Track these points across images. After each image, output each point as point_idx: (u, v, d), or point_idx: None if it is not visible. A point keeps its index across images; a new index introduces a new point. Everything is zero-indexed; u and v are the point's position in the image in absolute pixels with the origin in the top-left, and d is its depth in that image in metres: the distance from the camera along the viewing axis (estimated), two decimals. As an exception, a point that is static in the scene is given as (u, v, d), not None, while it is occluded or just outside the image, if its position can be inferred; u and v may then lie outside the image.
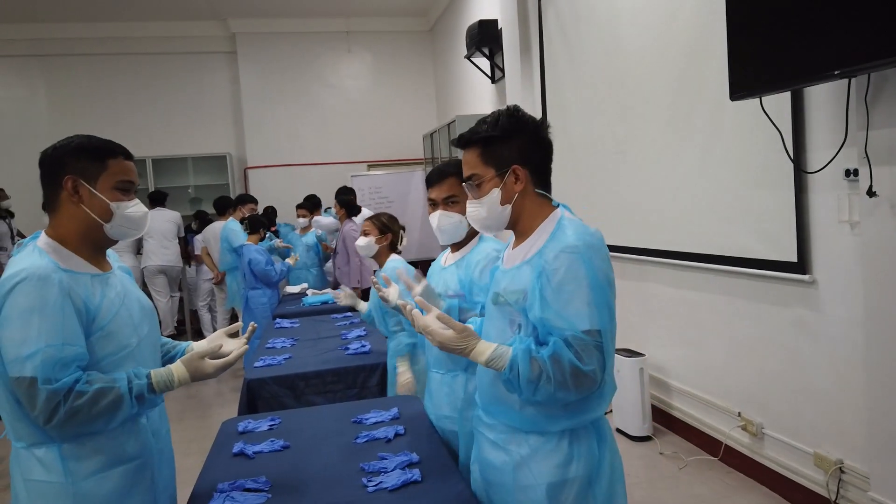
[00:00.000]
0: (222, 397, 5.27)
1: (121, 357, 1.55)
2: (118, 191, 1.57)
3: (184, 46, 8.29)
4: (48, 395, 1.38)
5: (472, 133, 1.56)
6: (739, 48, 2.49)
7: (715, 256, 3.30)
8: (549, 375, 1.37)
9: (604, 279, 1.42)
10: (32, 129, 7.87)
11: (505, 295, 1.52)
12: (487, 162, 1.54)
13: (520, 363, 1.39)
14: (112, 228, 1.57)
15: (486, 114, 1.59)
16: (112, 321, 1.54)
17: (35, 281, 1.41)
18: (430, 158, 7.82)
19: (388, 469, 1.80)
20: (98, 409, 1.43)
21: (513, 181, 1.52)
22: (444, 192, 2.15)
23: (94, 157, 1.54)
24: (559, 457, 1.47)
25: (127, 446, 1.56)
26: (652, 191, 3.79)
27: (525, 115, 1.55)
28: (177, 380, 1.54)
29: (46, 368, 1.38)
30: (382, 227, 3.14)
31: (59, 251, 1.53)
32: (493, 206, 1.55)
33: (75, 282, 1.49)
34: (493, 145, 1.53)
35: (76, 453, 1.48)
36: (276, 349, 3.58)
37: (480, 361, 1.44)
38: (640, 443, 3.75)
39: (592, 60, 4.35)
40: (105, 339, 1.52)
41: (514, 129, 1.52)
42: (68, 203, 1.54)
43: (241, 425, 2.26)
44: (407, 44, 8.80)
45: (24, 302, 1.40)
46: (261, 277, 5.38)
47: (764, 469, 3.13)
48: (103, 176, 1.54)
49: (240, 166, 8.52)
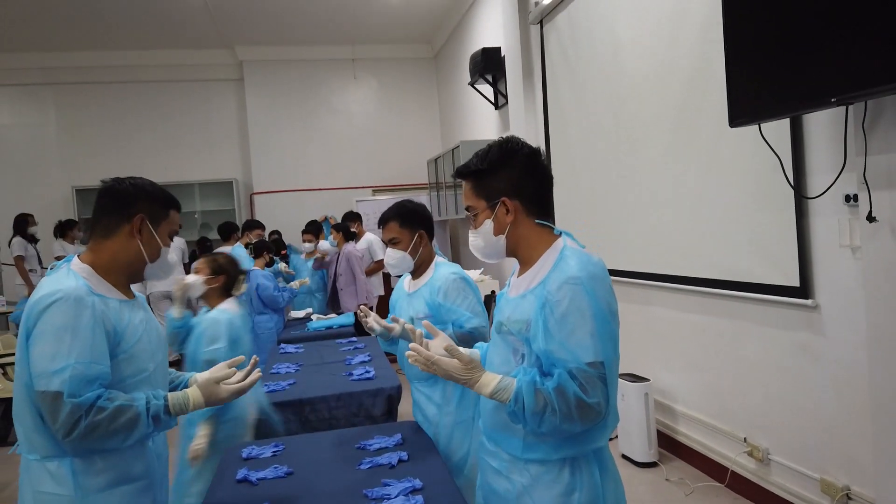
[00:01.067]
0: (227, 423, 5.25)
1: (138, 380, 1.62)
2: (170, 238, 1.74)
3: (192, 74, 8.43)
4: (72, 409, 1.45)
5: (465, 167, 1.60)
6: (737, 76, 2.53)
7: (718, 281, 3.31)
8: (554, 408, 1.37)
9: (607, 310, 1.43)
10: (43, 155, 8.00)
11: (508, 324, 1.53)
12: (479, 194, 1.57)
13: (525, 396, 1.39)
14: (152, 268, 1.72)
15: (490, 139, 1.62)
16: (135, 345, 1.62)
17: (71, 301, 1.51)
18: (434, 183, 7.88)
19: (392, 495, 1.80)
20: (116, 426, 1.50)
21: (503, 212, 1.54)
22: (387, 235, 2.49)
23: (163, 204, 1.72)
24: (561, 486, 1.47)
25: (133, 467, 1.62)
26: (654, 216, 3.81)
27: (518, 145, 1.56)
28: (192, 403, 1.63)
29: (74, 384, 1.46)
30: (217, 268, 2.91)
31: (93, 276, 1.62)
32: (487, 237, 1.58)
33: (106, 306, 1.58)
34: (484, 178, 1.56)
35: (86, 469, 1.54)
36: (280, 374, 3.58)
37: (485, 393, 1.45)
38: (646, 469, 3.72)
39: (594, 87, 4.40)
40: (127, 361, 1.60)
41: (502, 162, 1.54)
42: (126, 235, 1.66)
43: (245, 451, 2.26)
44: (412, 70, 8.92)
45: (59, 320, 1.49)
46: (268, 303, 5.40)
47: (771, 495, 3.10)
48: (165, 223, 1.72)
49: (246, 192, 8.60)
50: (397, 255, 2.46)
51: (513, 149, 1.56)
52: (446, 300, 2.34)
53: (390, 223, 2.47)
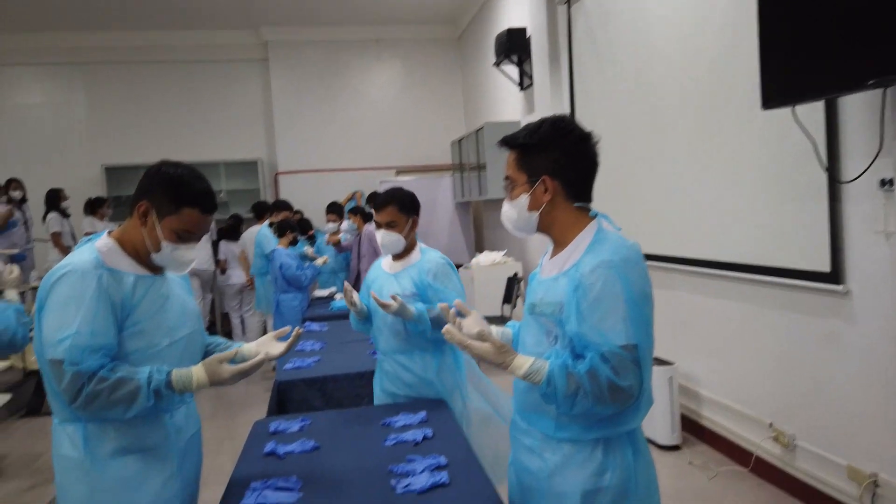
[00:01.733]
0: (253, 398, 5.34)
1: (149, 354, 1.63)
2: (177, 235, 1.65)
3: (217, 54, 8.47)
4: (72, 376, 1.49)
5: (513, 137, 1.57)
6: (772, 57, 2.48)
7: (746, 266, 3.27)
8: (586, 391, 1.38)
9: (640, 294, 1.42)
10: (73, 134, 8.11)
11: (541, 306, 1.53)
12: (521, 167, 1.55)
13: (556, 379, 1.40)
14: (156, 258, 1.68)
15: (515, 121, 1.61)
16: (145, 321, 1.63)
17: (78, 274, 1.55)
18: (458, 164, 7.86)
19: (417, 471, 1.82)
20: (116, 397, 1.52)
21: (541, 190, 1.53)
22: (385, 218, 2.57)
23: (175, 199, 1.63)
24: (593, 466, 1.48)
25: (146, 436, 1.64)
26: (682, 199, 3.77)
27: (570, 126, 1.54)
28: (195, 381, 1.60)
29: (74, 352, 1.50)
30: None
31: (113, 250, 1.65)
32: (521, 211, 1.57)
33: (116, 280, 1.60)
34: (529, 153, 1.54)
35: (98, 434, 1.59)
36: (305, 352, 3.62)
37: (518, 375, 1.46)
38: (669, 452, 3.71)
39: (621, 68, 4.34)
40: (136, 335, 1.62)
41: (551, 140, 1.52)
42: (136, 219, 1.66)
43: (273, 426, 2.30)
44: (436, 51, 8.87)
45: (65, 292, 1.54)
46: (291, 281, 5.46)
47: (796, 481, 3.08)
48: (171, 218, 1.64)
49: (270, 172, 8.65)
50: (393, 237, 2.57)
51: (565, 129, 1.53)
52: (435, 281, 2.51)
53: (389, 207, 2.56)
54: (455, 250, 8.24)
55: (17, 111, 8.07)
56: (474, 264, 6.51)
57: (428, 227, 8.20)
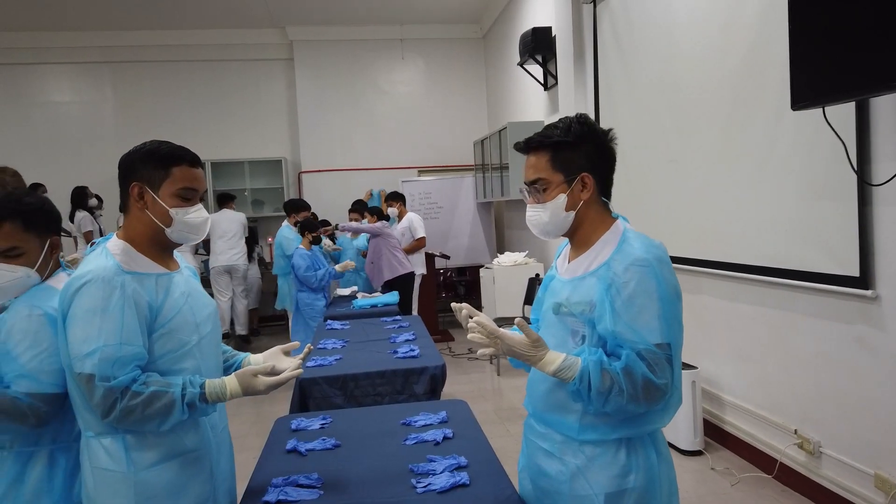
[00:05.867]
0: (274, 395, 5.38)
1: (180, 354, 1.61)
2: (179, 198, 1.61)
3: (243, 54, 8.55)
4: (105, 392, 1.46)
5: (544, 137, 1.54)
6: (802, 55, 2.44)
7: (772, 269, 3.22)
8: (621, 388, 1.37)
9: (673, 292, 1.43)
10: (101, 132, 8.25)
11: (568, 305, 1.52)
12: (556, 167, 1.53)
13: (591, 375, 1.39)
14: (173, 233, 1.63)
15: (539, 121, 1.61)
16: (173, 320, 1.60)
17: (99, 283, 1.50)
18: (480, 165, 7.85)
19: (437, 471, 1.82)
20: (151, 411, 1.49)
21: (579, 189, 1.53)
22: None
23: (160, 164, 1.60)
24: (617, 467, 1.47)
25: (186, 439, 1.62)
26: (706, 201, 3.73)
27: (595, 123, 1.56)
28: (229, 393, 1.59)
29: (104, 366, 1.46)
30: None
31: (128, 252, 1.60)
32: (556, 212, 1.54)
33: (139, 283, 1.56)
34: (564, 151, 1.53)
35: (139, 444, 1.55)
36: (326, 350, 3.65)
37: (548, 371, 1.44)
38: (691, 457, 3.67)
39: (647, 68, 4.30)
40: (165, 336, 1.59)
41: (585, 137, 1.52)
42: (136, 207, 1.62)
43: (294, 423, 2.32)
44: (460, 51, 8.87)
45: (87, 303, 1.49)
46: (303, 281, 5.50)
47: (821, 489, 3.03)
48: (166, 183, 1.60)
49: (294, 170, 8.72)
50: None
51: (592, 125, 1.54)
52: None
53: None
54: (476, 250, 8.24)
55: (48, 109, 8.23)
56: (495, 265, 6.49)
57: (449, 228, 8.21)
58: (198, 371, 1.63)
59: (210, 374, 1.67)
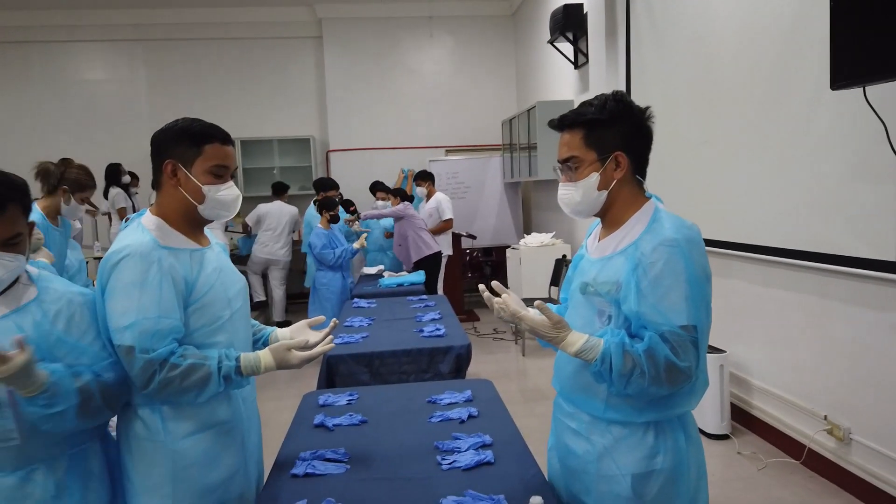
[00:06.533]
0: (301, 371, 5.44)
1: (214, 328, 1.64)
2: (212, 175, 1.64)
3: (273, 32, 8.56)
4: (144, 364, 1.50)
5: (578, 115, 1.52)
6: (843, 33, 2.36)
7: (806, 253, 3.15)
8: (642, 370, 1.36)
9: (702, 274, 1.41)
10: (134, 109, 8.35)
11: (595, 285, 1.50)
12: (590, 145, 1.51)
13: (613, 356, 1.38)
14: (205, 210, 1.66)
15: (568, 100, 1.58)
16: (207, 294, 1.64)
17: (137, 257, 1.53)
18: (508, 145, 7.79)
19: (462, 449, 1.84)
20: (188, 383, 1.54)
21: (613, 167, 1.50)
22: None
23: (193, 142, 1.63)
24: (644, 449, 1.46)
25: (219, 411, 1.66)
26: (739, 183, 3.66)
27: (631, 101, 1.52)
28: (263, 366, 1.64)
29: (143, 338, 1.50)
30: None
31: (161, 228, 1.63)
32: (588, 191, 1.52)
33: (175, 258, 1.60)
34: (598, 129, 1.50)
35: (175, 415, 1.60)
36: (353, 327, 3.68)
37: (570, 352, 1.43)
38: (718, 441, 3.64)
39: (680, 46, 4.21)
40: (200, 311, 1.62)
41: (620, 115, 1.49)
42: (169, 184, 1.64)
43: (322, 398, 2.35)
44: (489, 28, 8.76)
45: (126, 276, 1.52)
46: (320, 260, 5.54)
47: (850, 476, 2.99)
48: (199, 160, 1.63)
49: (322, 149, 8.75)
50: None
51: (629, 103, 1.51)
52: None
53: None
54: (503, 231, 8.20)
55: (82, 86, 8.34)
56: (522, 245, 6.47)
57: (476, 208, 8.19)
58: (230, 345, 1.67)
59: (241, 348, 1.70)
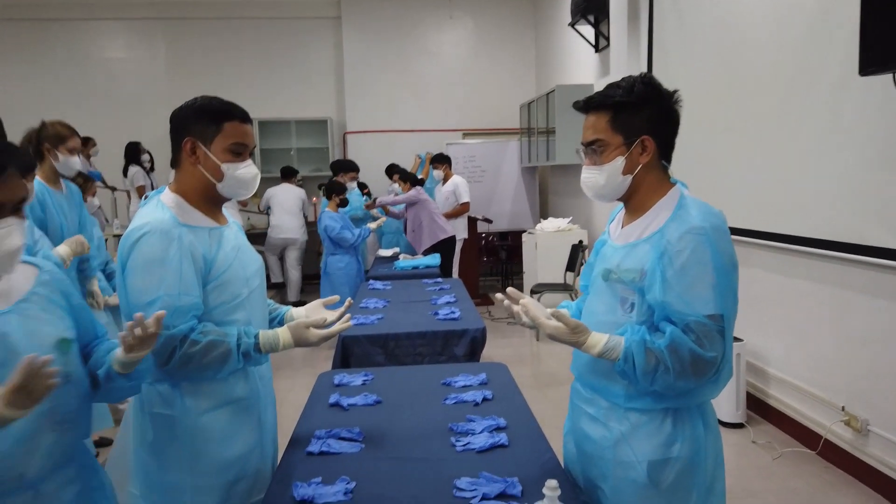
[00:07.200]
0: (316, 352, 5.49)
1: (232, 306, 1.65)
2: (230, 153, 1.63)
3: (292, 11, 8.52)
4: (165, 340, 1.50)
5: (604, 97, 1.48)
6: (873, 18, 2.30)
7: (829, 242, 3.10)
8: (667, 366, 1.34)
9: (729, 263, 1.38)
10: (153, 88, 8.37)
11: (619, 272, 1.48)
12: (616, 128, 1.47)
13: (635, 355, 1.37)
14: (224, 188, 1.66)
15: (588, 84, 1.55)
16: (226, 272, 1.64)
17: (157, 234, 1.53)
18: (526, 129, 7.73)
19: (476, 431, 1.84)
20: (208, 360, 1.55)
21: (639, 152, 1.47)
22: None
23: (212, 119, 1.62)
24: (662, 436, 1.45)
25: (237, 388, 1.68)
26: (762, 170, 3.60)
27: (660, 84, 1.48)
28: (282, 344, 1.65)
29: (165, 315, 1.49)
30: None
31: (181, 206, 1.63)
32: (613, 175, 1.49)
33: (194, 236, 1.60)
34: (625, 112, 1.46)
35: (193, 391, 1.61)
36: (369, 309, 3.69)
37: (593, 354, 1.41)
38: (732, 429, 3.62)
39: (704, 30, 4.14)
40: (219, 288, 1.63)
41: (648, 98, 1.46)
42: (188, 162, 1.64)
43: (337, 378, 2.36)
44: (509, 10, 8.67)
45: (147, 253, 1.52)
46: (338, 241, 5.54)
47: (867, 467, 2.96)
48: (218, 138, 1.62)
49: (340, 131, 8.74)
50: None
51: (657, 86, 1.47)
52: None
53: None
54: (519, 216, 8.17)
55: (102, 65, 8.37)
56: (538, 230, 6.44)
57: (492, 192, 8.15)
58: (248, 322, 1.68)
59: (259, 326, 1.71)
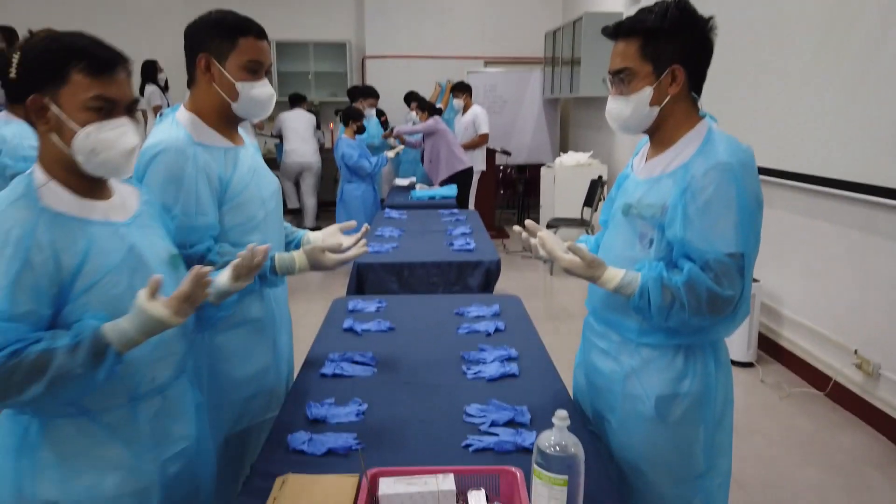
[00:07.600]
0: (330, 278, 5.54)
1: (248, 228, 1.64)
2: (246, 70, 1.57)
3: (312, -74, 8.20)
4: (184, 259, 1.48)
5: (636, 22, 1.40)
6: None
7: (856, 184, 3.02)
8: (682, 303, 1.32)
9: (754, 201, 1.33)
10: (169, 4, 8.16)
11: (639, 207, 1.44)
12: (646, 56, 1.39)
13: (651, 291, 1.34)
14: (239, 108, 1.61)
15: (617, 12, 1.46)
16: (242, 194, 1.62)
17: (172, 153, 1.51)
18: (550, 58, 7.50)
19: (487, 360, 1.85)
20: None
21: (668, 82, 1.39)
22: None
23: (227, 35, 1.55)
24: (672, 372, 1.44)
25: (252, 308, 1.69)
26: (795, 112, 3.48)
27: (695, 10, 1.39)
28: (298, 267, 1.64)
29: (182, 234, 1.49)
30: None
31: (196, 124, 1.60)
32: (640, 106, 1.42)
33: (210, 155, 1.57)
34: (657, 39, 1.38)
35: (208, 309, 1.59)
36: (384, 237, 3.69)
37: (609, 288, 1.39)
38: (742, 368, 3.65)
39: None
40: (235, 210, 1.61)
41: (682, 25, 1.37)
42: (203, 80, 1.59)
43: (351, 304, 2.38)
44: (537, -68, 8.27)
45: (162, 172, 1.50)
46: (355, 170, 5.49)
47: (875, 410, 2.98)
48: (233, 55, 1.56)
49: (358, 55, 8.54)
50: None
51: (692, 12, 1.38)
52: None
53: None
54: (539, 149, 8.05)
55: (116, -20, 8.17)
56: (557, 164, 6.34)
57: (512, 123, 8.00)
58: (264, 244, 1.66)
59: (275, 249, 1.70)
